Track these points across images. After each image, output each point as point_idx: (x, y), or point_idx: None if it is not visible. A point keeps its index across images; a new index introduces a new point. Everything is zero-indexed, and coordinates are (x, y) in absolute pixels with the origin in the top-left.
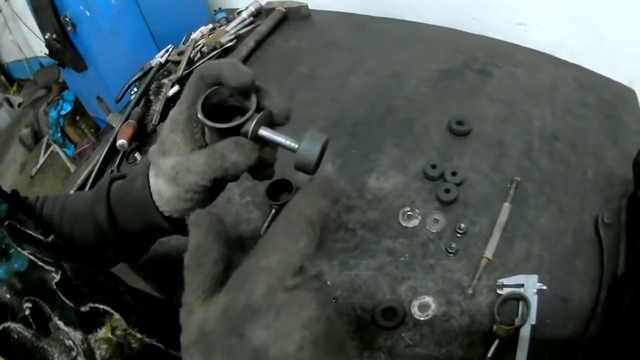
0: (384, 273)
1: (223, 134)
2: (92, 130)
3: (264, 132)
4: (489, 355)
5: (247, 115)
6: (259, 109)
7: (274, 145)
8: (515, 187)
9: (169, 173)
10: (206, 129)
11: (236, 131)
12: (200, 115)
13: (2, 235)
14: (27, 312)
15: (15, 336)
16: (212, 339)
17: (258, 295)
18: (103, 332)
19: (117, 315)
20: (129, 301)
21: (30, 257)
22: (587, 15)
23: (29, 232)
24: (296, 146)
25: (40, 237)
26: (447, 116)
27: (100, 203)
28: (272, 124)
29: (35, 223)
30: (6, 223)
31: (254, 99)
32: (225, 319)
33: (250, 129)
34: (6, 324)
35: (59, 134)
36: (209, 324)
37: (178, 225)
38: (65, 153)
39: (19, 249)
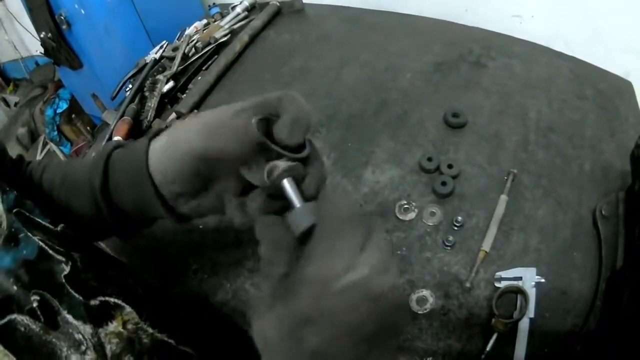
0: None
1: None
2: (88, 127)
3: (286, 183)
4: (488, 349)
5: (289, 156)
6: (303, 159)
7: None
8: (511, 180)
9: (170, 129)
10: None
11: (269, 156)
12: (254, 120)
13: (11, 220)
14: (34, 304)
15: (22, 329)
16: (271, 344)
17: (304, 305)
18: (114, 325)
19: (128, 309)
20: (140, 294)
21: (40, 243)
22: (582, 7)
23: (38, 220)
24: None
25: (49, 225)
26: (442, 109)
27: (97, 168)
28: (298, 184)
29: (41, 210)
30: (14, 210)
31: (307, 150)
32: (281, 326)
33: (277, 172)
34: (12, 316)
35: (55, 133)
36: (269, 331)
37: (168, 208)
38: (61, 151)
39: (29, 233)
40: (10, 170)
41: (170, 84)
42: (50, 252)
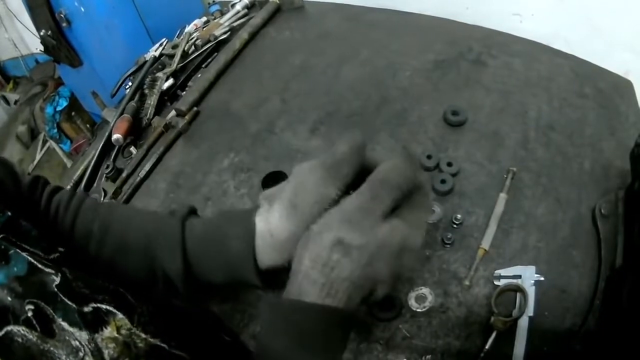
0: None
1: None
2: (88, 125)
3: None
4: (487, 347)
5: None
6: None
7: None
8: (511, 178)
9: (288, 198)
10: None
11: None
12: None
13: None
14: (29, 314)
15: (20, 340)
16: None
17: None
18: (109, 331)
19: (120, 315)
20: (131, 301)
21: (30, 259)
22: (582, 5)
23: (26, 247)
24: None
25: (40, 253)
26: (442, 106)
27: (171, 249)
28: None
29: (38, 234)
30: (1, 236)
31: None
32: None
33: None
34: (9, 328)
35: (55, 130)
36: None
37: (267, 278)
38: (61, 149)
39: (17, 250)
40: (24, 202)
41: (170, 81)
42: (40, 266)
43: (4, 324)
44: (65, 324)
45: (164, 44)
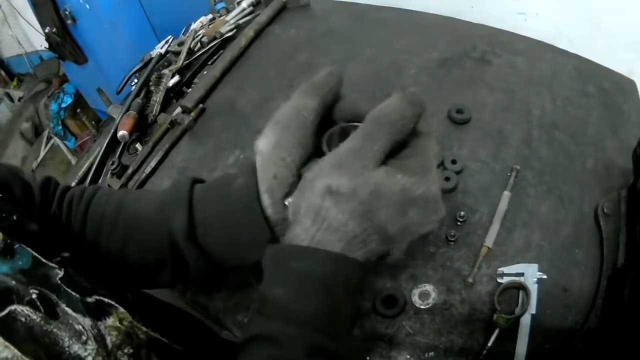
0: (384, 261)
1: None
2: (93, 122)
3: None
4: (489, 344)
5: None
6: None
7: None
8: (515, 176)
9: (271, 119)
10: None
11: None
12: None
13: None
14: (34, 296)
15: (23, 319)
16: None
17: None
18: (111, 320)
19: (122, 309)
20: (130, 299)
21: (34, 253)
22: (586, 5)
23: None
24: None
25: (39, 256)
26: (446, 104)
27: (177, 206)
28: None
29: (44, 238)
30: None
31: None
32: None
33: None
34: (12, 307)
35: (60, 127)
36: None
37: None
38: (66, 146)
39: (22, 245)
40: (34, 206)
41: (176, 78)
42: (44, 260)
43: (7, 304)
44: (69, 310)
45: (170, 41)
